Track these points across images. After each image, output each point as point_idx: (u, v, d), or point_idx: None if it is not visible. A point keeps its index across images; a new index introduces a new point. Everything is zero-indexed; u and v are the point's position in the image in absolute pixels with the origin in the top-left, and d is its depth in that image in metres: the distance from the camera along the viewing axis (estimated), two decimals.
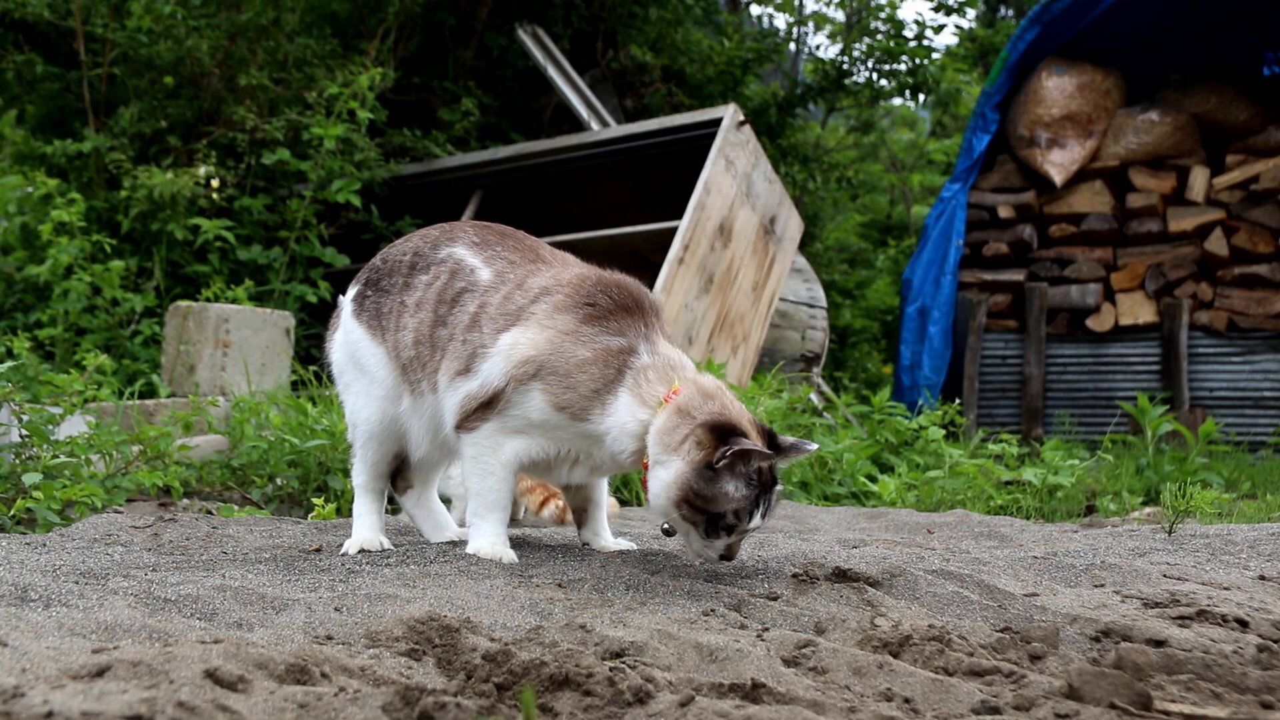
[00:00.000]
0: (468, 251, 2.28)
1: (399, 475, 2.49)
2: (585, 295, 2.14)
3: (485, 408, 2.13)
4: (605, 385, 2.08)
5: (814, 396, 6.70)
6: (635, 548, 2.40)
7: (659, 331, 2.18)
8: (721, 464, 1.95)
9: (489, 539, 2.23)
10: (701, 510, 1.97)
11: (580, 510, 2.42)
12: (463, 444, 2.19)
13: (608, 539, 2.41)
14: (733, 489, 1.97)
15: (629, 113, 9.15)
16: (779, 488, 2.06)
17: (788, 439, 2.07)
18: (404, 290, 2.30)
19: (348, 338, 2.38)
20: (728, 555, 2.06)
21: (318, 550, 2.35)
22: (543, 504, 2.99)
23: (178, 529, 2.61)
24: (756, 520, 2.01)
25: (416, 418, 2.29)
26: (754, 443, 1.97)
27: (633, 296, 2.17)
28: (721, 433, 1.97)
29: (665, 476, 2.00)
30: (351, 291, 2.43)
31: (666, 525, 2.15)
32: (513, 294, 2.18)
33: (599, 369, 2.09)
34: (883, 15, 11.40)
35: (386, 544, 2.35)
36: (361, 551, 2.29)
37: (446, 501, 3.01)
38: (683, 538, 2.07)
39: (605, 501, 2.43)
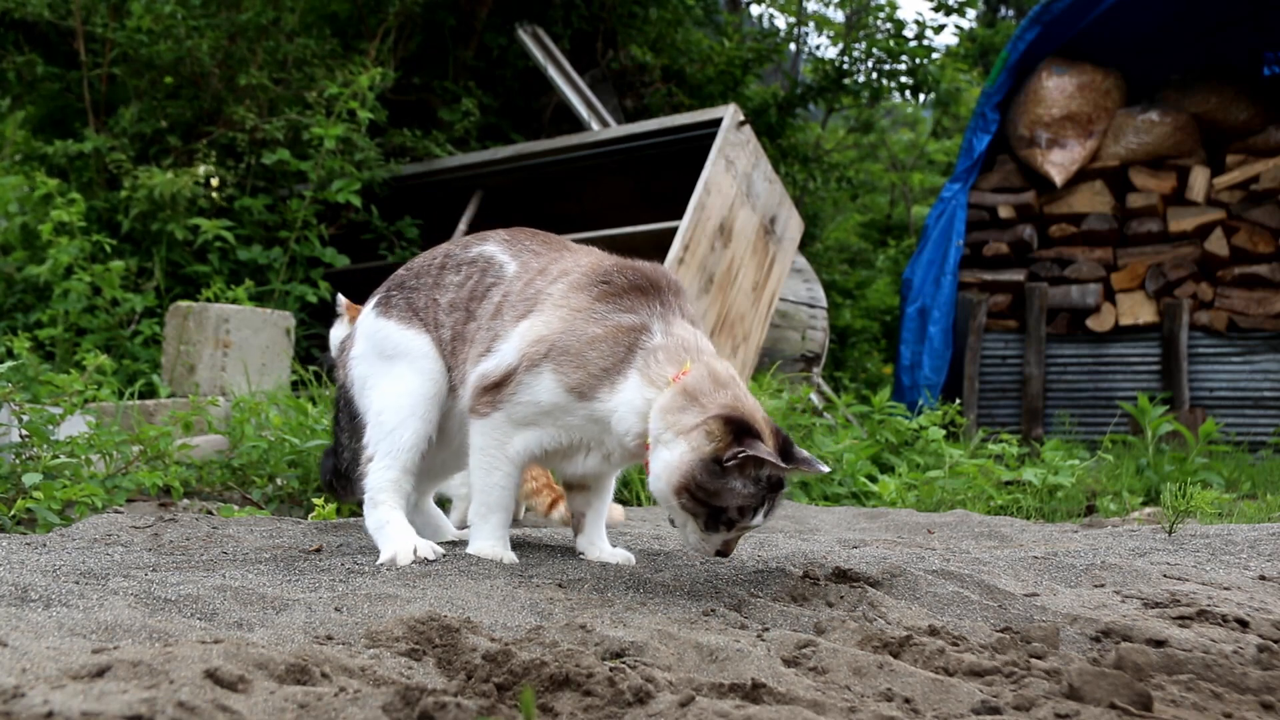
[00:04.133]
0: (497, 248, 2.28)
1: None
2: (601, 275, 2.12)
3: (497, 388, 2.10)
4: (615, 364, 2.03)
5: (814, 396, 6.70)
6: (631, 561, 2.29)
7: (678, 312, 2.11)
8: (731, 464, 1.88)
9: (490, 540, 2.20)
10: (704, 503, 1.91)
11: (580, 515, 2.36)
12: (472, 432, 2.15)
13: (602, 549, 2.32)
14: (740, 486, 1.90)
15: (629, 113, 9.15)
16: (785, 490, 2.00)
17: (801, 452, 1.99)
18: (435, 289, 2.28)
19: (370, 341, 2.31)
20: (724, 551, 1.99)
21: (318, 550, 2.34)
22: (552, 505, 2.98)
23: (178, 529, 2.61)
24: (759, 519, 1.95)
25: (453, 416, 2.26)
26: (769, 451, 1.89)
27: (648, 277, 2.13)
28: (736, 430, 1.89)
29: (669, 459, 1.93)
30: (372, 302, 2.37)
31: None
32: (533, 280, 2.17)
33: (609, 346, 2.04)
34: (882, 15, 11.40)
35: (440, 549, 2.20)
36: (416, 561, 2.12)
37: (446, 502, 3.01)
38: (679, 527, 2.00)
39: (605, 510, 2.38)
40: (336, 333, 2.74)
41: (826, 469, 2.04)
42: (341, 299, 2.90)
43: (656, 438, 1.96)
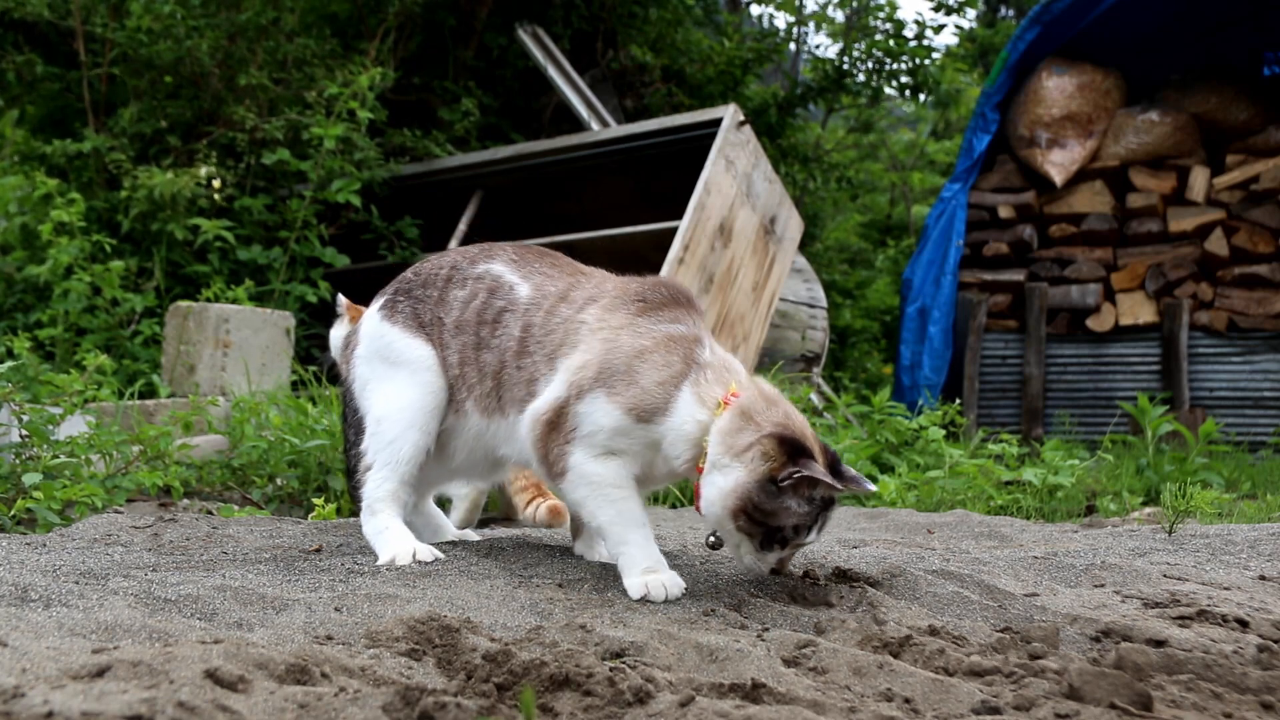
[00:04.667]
0: (505, 268, 2.20)
1: None
2: (634, 294, 2.06)
3: (552, 429, 1.98)
4: (671, 378, 1.96)
5: (814, 396, 6.71)
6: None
7: (709, 334, 2.07)
8: (787, 484, 1.86)
9: (642, 568, 1.96)
10: (760, 523, 1.88)
11: (578, 516, 2.29)
12: (566, 491, 2.02)
13: (602, 550, 2.26)
14: (795, 505, 1.88)
15: (629, 113, 9.15)
16: (835, 509, 1.97)
17: (850, 470, 1.98)
18: (439, 304, 2.22)
19: (374, 344, 2.27)
20: (779, 569, 1.98)
21: (318, 550, 2.34)
22: (529, 503, 2.99)
23: (178, 529, 2.61)
24: (813, 536, 1.94)
25: (456, 437, 2.21)
26: (823, 471, 1.88)
27: (683, 292, 2.09)
28: (791, 449, 1.87)
29: (724, 484, 1.88)
30: (378, 303, 2.32)
31: (713, 538, 2.05)
32: (555, 308, 2.09)
33: (662, 356, 1.97)
34: (882, 15, 11.40)
35: (438, 552, 2.18)
36: (416, 562, 2.12)
37: (446, 502, 3.02)
38: (732, 548, 1.97)
39: None
40: (337, 333, 2.74)
41: (873, 488, 2.02)
42: (342, 299, 2.90)
43: (714, 463, 1.91)
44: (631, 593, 1.94)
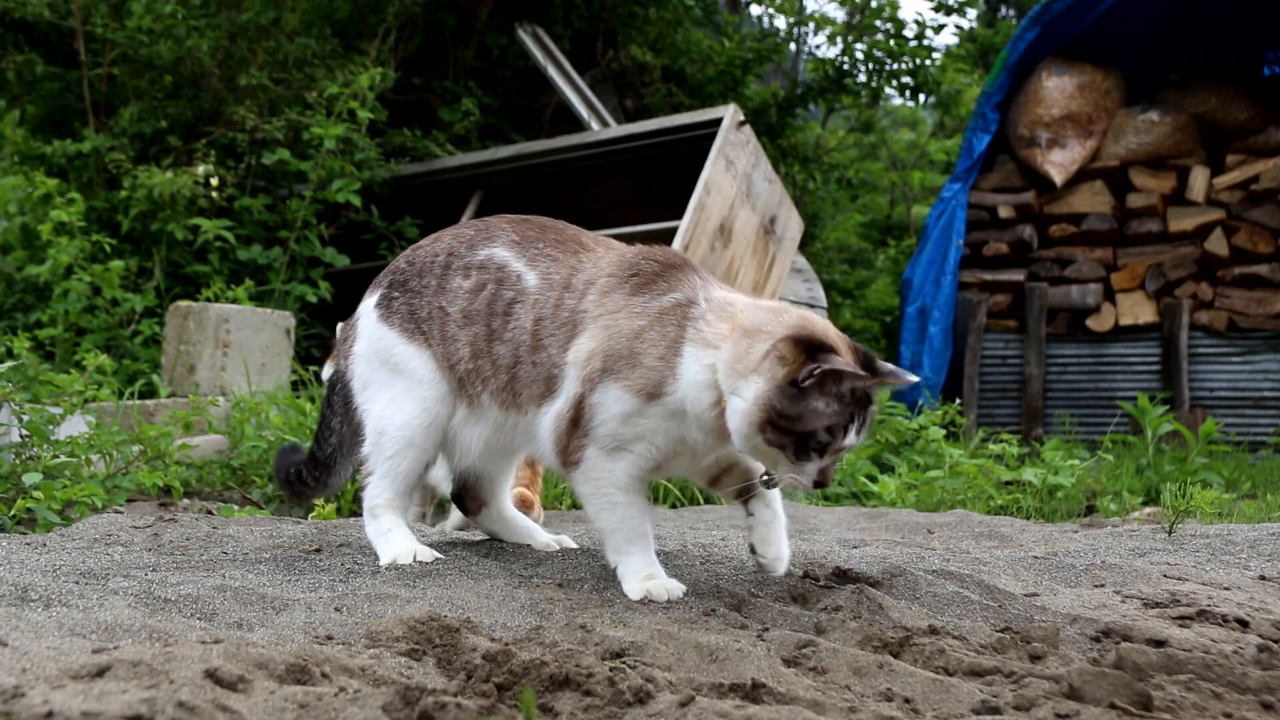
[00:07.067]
0: (510, 254, 2.13)
1: (468, 496, 2.38)
2: (628, 269, 2.02)
3: (574, 425, 1.97)
4: (669, 346, 1.90)
5: None
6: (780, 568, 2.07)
7: (713, 283, 2.01)
8: (809, 383, 1.75)
9: (642, 575, 1.96)
10: (788, 431, 1.77)
11: (748, 513, 2.08)
12: (575, 483, 2.02)
13: (775, 549, 2.08)
14: (823, 405, 1.77)
15: (629, 113, 9.15)
16: (874, 407, 1.85)
17: (886, 365, 1.86)
18: (439, 294, 2.15)
19: (373, 345, 2.21)
20: (821, 481, 1.84)
21: (318, 550, 2.34)
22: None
23: (178, 529, 2.61)
24: (851, 438, 1.81)
25: (471, 427, 2.16)
26: (847, 363, 1.77)
27: (675, 257, 2.04)
28: (808, 347, 1.77)
29: (743, 402, 1.80)
30: (372, 298, 2.26)
31: (765, 476, 1.95)
32: (562, 299, 2.05)
33: (658, 331, 1.92)
34: (883, 15, 11.41)
35: (435, 552, 2.19)
36: (417, 562, 2.13)
37: (445, 502, 3.01)
38: (771, 468, 1.88)
39: (778, 509, 2.09)
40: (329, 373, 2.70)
41: (914, 378, 1.94)
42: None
43: (730, 390, 1.83)
44: (632, 596, 1.93)
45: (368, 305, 2.26)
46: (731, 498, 2.13)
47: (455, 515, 2.99)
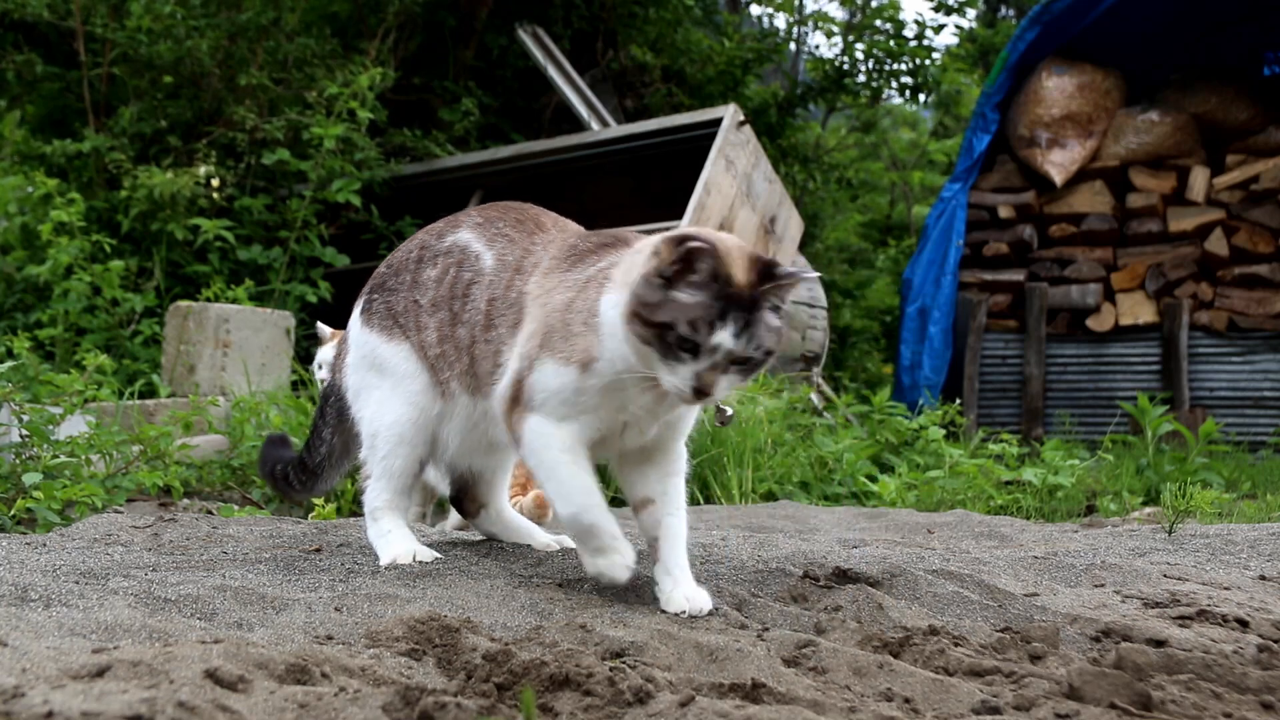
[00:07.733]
0: (472, 235, 2.13)
1: (465, 498, 2.37)
2: (567, 249, 1.99)
3: (516, 400, 1.92)
4: (591, 310, 1.82)
5: (814, 396, 6.71)
6: (705, 609, 1.96)
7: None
8: (674, 269, 1.66)
9: (594, 553, 1.87)
10: (648, 322, 1.67)
11: (653, 538, 1.97)
12: (520, 449, 1.94)
13: (677, 591, 1.92)
14: (686, 296, 1.65)
15: (629, 113, 9.15)
16: (772, 319, 1.70)
17: (786, 269, 1.71)
18: (413, 288, 2.16)
19: (360, 352, 2.22)
20: (702, 389, 1.68)
21: (318, 550, 2.34)
22: (511, 499, 2.97)
23: (178, 529, 2.61)
24: (725, 338, 1.65)
25: (448, 420, 2.14)
26: (715, 247, 1.66)
27: (617, 236, 1.99)
28: (684, 238, 1.67)
29: (619, 296, 1.74)
30: (357, 307, 2.27)
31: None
32: (512, 280, 2.03)
33: (583, 298, 1.85)
34: (883, 15, 11.41)
35: (435, 553, 2.20)
36: (417, 562, 2.12)
37: (445, 502, 3.01)
38: (651, 371, 1.74)
39: (681, 526, 1.97)
40: (323, 354, 2.71)
41: (814, 274, 1.95)
42: (323, 329, 2.87)
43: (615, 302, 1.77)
44: (586, 569, 1.89)
45: (354, 314, 2.28)
46: (641, 524, 1.99)
47: (455, 515, 2.99)
